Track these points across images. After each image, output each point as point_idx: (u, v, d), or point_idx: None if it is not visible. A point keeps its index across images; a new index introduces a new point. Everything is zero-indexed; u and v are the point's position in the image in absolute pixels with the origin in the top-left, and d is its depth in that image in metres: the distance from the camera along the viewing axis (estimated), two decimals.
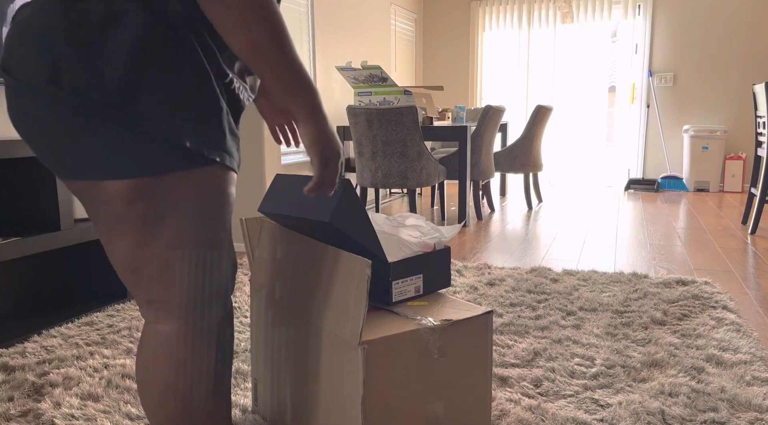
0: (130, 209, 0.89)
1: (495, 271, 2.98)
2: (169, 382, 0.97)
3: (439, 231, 1.44)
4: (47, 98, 0.84)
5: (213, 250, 0.96)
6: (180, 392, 0.97)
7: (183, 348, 0.97)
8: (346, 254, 1.17)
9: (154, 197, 0.89)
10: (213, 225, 0.95)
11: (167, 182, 0.89)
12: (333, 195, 1.16)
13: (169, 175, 0.88)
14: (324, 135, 0.92)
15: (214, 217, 0.95)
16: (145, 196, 0.89)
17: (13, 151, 2.06)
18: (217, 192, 0.94)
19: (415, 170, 4.01)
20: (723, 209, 5.03)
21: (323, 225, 1.19)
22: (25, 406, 1.63)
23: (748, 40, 6.15)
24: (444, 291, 2.64)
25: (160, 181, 0.88)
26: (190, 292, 0.95)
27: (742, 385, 1.69)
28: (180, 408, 0.98)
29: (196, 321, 0.97)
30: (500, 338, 2.08)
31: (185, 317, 0.96)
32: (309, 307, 1.28)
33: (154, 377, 0.97)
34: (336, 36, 5.15)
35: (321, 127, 0.92)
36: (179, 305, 0.95)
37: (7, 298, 2.42)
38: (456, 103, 7.26)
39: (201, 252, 0.94)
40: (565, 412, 1.56)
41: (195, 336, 0.97)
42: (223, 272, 0.99)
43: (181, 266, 0.93)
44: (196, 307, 0.96)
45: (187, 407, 0.99)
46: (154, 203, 0.89)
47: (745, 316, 2.33)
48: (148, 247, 0.92)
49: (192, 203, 0.92)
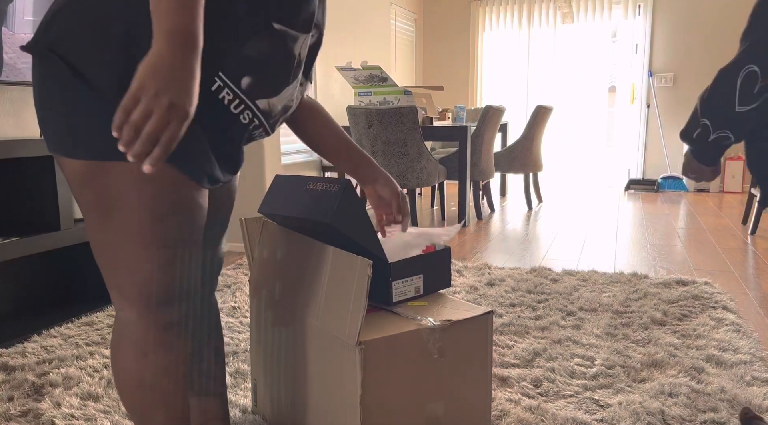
0: (83, 192, 0.90)
1: (495, 271, 2.98)
2: (132, 371, 0.97)
3: (438, 232, 1.44)
4: (36, 61, 0.89)
5: (164, 249, 0.93)
6: (147, 382, 0.98)
7: (142, 339, 0.96)
8: (346, 254, 1.17)
9: (102, 183, 0.88)
10: (161, 225, 0.92)
11: (115, 170, 0.87)
12: (333, 195, 1.16)
13: (116, 163, 0.87)
14: (165, 64, 0.72)
15: (162, 218, 0.91)
16: (94, 180, 0.88)
17: (13, 151, 2.06)
18: (166, 192, 0.91)
19: (415, 170, 4.01)
20: (723, 209, 5.03)
21: (323, 226, 1.19)
22: (25, 406, 1.63)
23: None
24: (444, 292, 2.64)
25: (108, 168, 0.87)
26: (143, 285, 0.94)
27: (742, 385, 1.69)
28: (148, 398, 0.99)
29: (151, 314, 0.95)
30: (500, 338, 2.08)
31: (140, 308, 0.95)
32: (308, 307, 1.28)
33: (117, 364, 0.99)
34: (336, 36, 5.15)
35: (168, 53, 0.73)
36: (134, 295, 0.94)
37: (7, 298, 2.42)
38: (456, 103, 7.26)
39: (151, 250, 0.92)
40: (565, 412, 1.56)
41: (153, 329, 0.96)
42: (176, 272, 0.96)
43: (132, 258, 0.92)
44: (149, 301, 0.95)
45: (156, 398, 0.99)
46: (102, 190, 0.88)
47: (745, 316, 2.33)
48: (103, 233, 0.92)
49: (137, 197, 0.89)
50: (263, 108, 0.98)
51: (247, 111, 0.96)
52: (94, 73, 0.84)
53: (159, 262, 0.93)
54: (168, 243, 0.93)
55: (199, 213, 0.97)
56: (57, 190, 2.26)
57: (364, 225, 1.21)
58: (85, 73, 0.84)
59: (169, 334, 0.98)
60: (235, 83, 0.92)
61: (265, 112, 0.99)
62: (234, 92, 0.93)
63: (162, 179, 0.90)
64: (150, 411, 1.00)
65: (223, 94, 0.92)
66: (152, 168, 0.73)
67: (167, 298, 0.96)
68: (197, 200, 0.96)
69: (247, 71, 0.93)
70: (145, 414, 1.00)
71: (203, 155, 0.94)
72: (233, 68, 0.91)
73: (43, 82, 0.88)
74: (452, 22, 7.18)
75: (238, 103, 0.94)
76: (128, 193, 0.88)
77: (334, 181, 1.20)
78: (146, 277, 0.93)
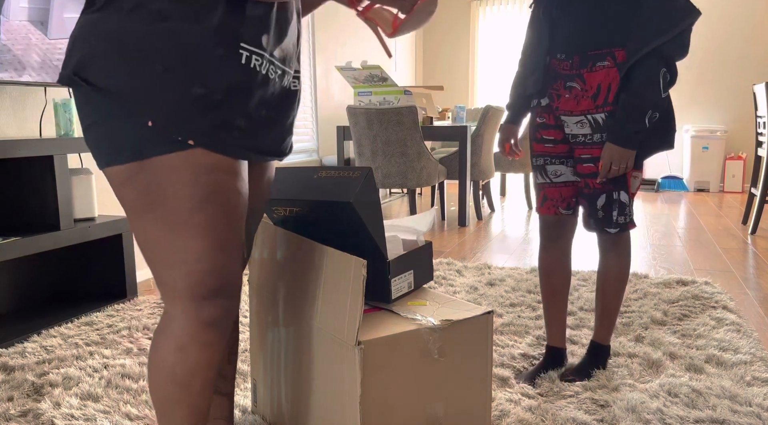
0: (127, 193, 0.93)
1: (495, 271, 2.98)
2: (166, 364, 0.98)
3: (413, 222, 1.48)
4: (71, 91, 0.96)
5: (204, 239, 0.93)
6: (178, 377, 0.98)
7: (181, 334, 0.97)
8: (341, 254, 1.17)
9: (141, 181, 0.91)
10: (200, 213, 0.92)
11: (151, 166, 0.90)
12: (355, 180, 1.19)
13: (152, 159, 0.90)
14: None
15: (199, 205, 0.92)
16: (134, 180, 0.91)
17: (13, 151, 2.06)
18: (200, 178, 0.92)
19: (415, 170, 4.01)
20: (723, 209, 5.03)
21: (339, 208, 1.19)
22: (25, 406, 1.63)
23: (748, 40, 6.15)
24: (444, 292, 2.64)
25: (145, 166, 0.91)
26: (185, 279, 0.94)
27: (742, 385, 1.69)
28: (176, 392, 0.99)
29: (193, 309, 0.96)
30: (500, 338, 2.08)
31: (183, 303, 0.96)
32: (307, 307, 1.28)
33: (154, 355, 1.00)
34: (336, 36, 5.15)
35: None
36: (177, 290, 0.95)
37: (7, 298, 2.42)
38: (456, 103, 7.26)
39: (192, 240, 0.93)
40: (565, 412, 1.56)
41: (195, 325, 0.96)
42: (218, 264, 0.96)
43: (172, 250, 0.93)
44: (193, 295, 0.95)
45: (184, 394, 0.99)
46: (143, 187, 0.91)
47: (745, 316, 2.33)
48: (146, 231, 0.94)
49: (172, 187, 0.91)
50: (279, 56, 1.00)
51: (271, 66, 0.98)
52: (112, 83, 0.88)
53: (200, 253, 0.93)
54: (208, 233, 0.93)
55: (237, 199, 0.97)
56: (57, 190, 2.26)
57: (376, 214, 1.24)
58: (106, 86, 0.88)
59: (208, 332, 0.98)
60: (258, 46, 0.95)
61: (281, 58, 1.01)
62: (261, 56, 0.95)
63: (195, 165, 0.91)
64: (174, 405, 1.00)
65: (253, 62, 0.94)
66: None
67: (210, 292, 0.96)
68: (234, 185, 0.96)
69: (263, 29, 0.95)
70: (168, 409, 1.01)
71: (236, 130, 0.94)
72: (251, 34, 0.94)
73: (81, 107, 0.93)
74: (452, 22, 7.18)
75: (264, 63, 0.97)
76: (165, 184, 0.91)
77: (352, 169, 1.23)
78: (188, 270, 0.94)
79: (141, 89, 0.88)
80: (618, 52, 1.54)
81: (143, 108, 0.88)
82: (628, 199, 1.62)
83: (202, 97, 0.90)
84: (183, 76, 0.88)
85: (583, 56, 1.57)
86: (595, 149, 1.59)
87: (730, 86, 6.26)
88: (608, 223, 1.64)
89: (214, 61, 0.90)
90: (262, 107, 0.98)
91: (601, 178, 1.57)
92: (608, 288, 1.73)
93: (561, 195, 1.71)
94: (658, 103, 1.50)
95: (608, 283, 1.73)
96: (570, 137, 1.63)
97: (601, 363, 1.80)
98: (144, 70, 0.87)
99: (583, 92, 1.58)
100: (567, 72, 1.60)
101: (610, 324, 1.77)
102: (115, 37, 0.88)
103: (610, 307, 1.75)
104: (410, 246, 1.42)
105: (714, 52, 6.25)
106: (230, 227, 0.96)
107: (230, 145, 0.94)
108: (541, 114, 1.69)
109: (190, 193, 0.91)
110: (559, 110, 1.63)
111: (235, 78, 0.92)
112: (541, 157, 1.71)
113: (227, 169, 0.94)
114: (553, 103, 1.64)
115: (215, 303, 0.97)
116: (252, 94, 0.96)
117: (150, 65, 0.87)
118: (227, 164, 0.94)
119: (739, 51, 6.18)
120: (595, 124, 1.58)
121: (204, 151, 0.91)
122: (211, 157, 0.92)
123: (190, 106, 0.89)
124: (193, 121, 0.90)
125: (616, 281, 1.72)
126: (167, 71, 0.88)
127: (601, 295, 1.75)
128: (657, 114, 1.52)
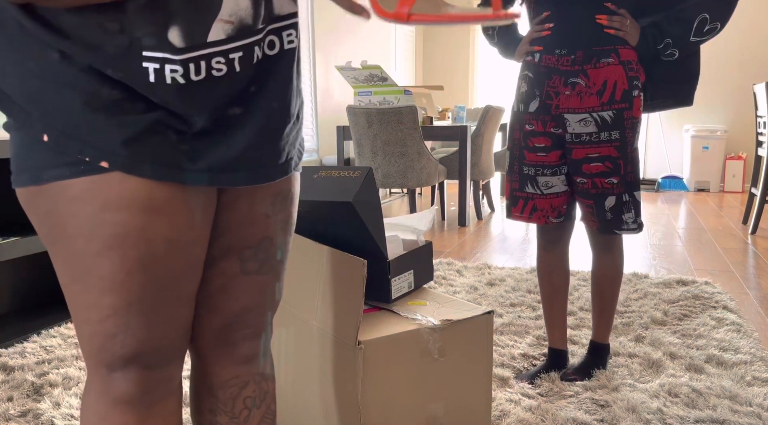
0: (32, 220, 0.71)
1: (495, 271, 2.98)
2: None
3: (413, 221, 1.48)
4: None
5: (109, 295, 0.68)
6: None
7: (93, 405, 0.74)
8: (341, 254, 1.17)
9: (41, 208, 0.67)
10: (103, 260, 0.66)
11: (51, 192, 0.66)
12: (355, 180, 1.19)
13: (51, 184, 0.65)
14: None
15: (101, 250, 0.66)
16: (34, 206, 0.68)
17: None
18: (108, 213, 0.65)
19: (415, 170, 4.01)
20: (723, 209, 5.03)
21: (339, 208, 1.19)
22: (25, 406, 1.63)
23: (748, 41, 6.15)
24: (444, 292, 2.64)
25: (44, 191, 0.66)
26: (87, 339, 0.71)
27: (742, 385, 1.69)
28: None
29: (98, 382, 0.73)
30: (500, 338, 2.08)
31: (90, 371, 0.74)
32: (308, 308, 1.28)
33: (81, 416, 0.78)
34: (336, 36, 5.15)
35: None
36: (83, 349, 0.72)
37: (6, 298, 2.42)
38: (456, 103, 7.26)
39: (92, 294, 0.68)
40: (565, 412, 1.56)
41: (103, 398, 0.73)
42: (135, 328, 0.70)
43: (74, 302, 0.70)
44: (96, 364, 0.72)
45: None
46: (43, 217, 0.68)
47: (746, 316, 2.33)
48: (57, 270, 0.72)
49: (72, 223, 0.66)
50: (226, 33, 0.65)
51: (213, 60, 0.65)
52: (6, 82, 0.65)
53: (104, 312, 0.68)
54: (115, 287, 0.67)
55: (163, 246, 0.68)
56: None
57: (376, 214, 1.24)
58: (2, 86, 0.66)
59: (120, 413, 0.72)
60: (168, 50, 0.62)
61: (231, 34, 0.66)
62: (173, 59, 0.63)
63: (102, 197, 0.64)
64: None
65: (166, 70, 0.63)
66: None
67: (119, 361, 0.71)
68: (159, 228, 0.67)
69: (170, 21, 0.62)
70: None
71: (182, 141, 0.67)
72: (150, 36, 0.62)
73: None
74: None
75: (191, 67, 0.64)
76: (66, 218, 0.66)
77: (352, 169, 1.23)
78: (90, 331, 0.70)
79: (30, 89, 0.63)
80: (622, 49, 1.53)
81: (34, 115, 0.63)
82: (640, 197, 1.63)
83: (120, 100, 0.63)
84: (87, 66, 0.61)
85: (587, 52, 1.55)
86: (602, 147, 1.56)
87: (730, 86, 6.26)
88: (618, 225, 1.61)
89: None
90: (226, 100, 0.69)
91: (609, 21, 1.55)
92: (605, 290, 1.73)
93: (551, 205, 1.68)
94: (680, 40, 1.50)
95: (605, 285, 1.72)
96: (573, 137, 1.59)
97: (602, 361, 1.80)
98: (33, 58, 0.62)
99: (587, 88, 1.55)
100: (568, 68, 1.57)
101: (609, 323, 1.77)
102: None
103: (609, 308, 1.75)
104: (410, 246, 1.42)
105: (714, 52, 6.25)
106: (152, 283, 0.69)
107: (167, 165, 0.66)
108: (530, 120, 1.65)
109: (93, 233, 0.65)
110: (559, 108, 1.60)
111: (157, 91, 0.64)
112: (533, 167, 1.66)
113: (149, 204, 0.66)
114: (552, 102, 1.61)
115: (126, 375, 0.72)
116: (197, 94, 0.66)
117: (43, 51, 0.61)
118: (153, 195, 0.66)
119: (739, 51, 6.18)
120: (602, 123, 1.55)
121: (123, 175, 0.64)
122: (129, 183, 0.65)
123: (99, 112, 0.63)
124: (104, 134, 0.63)
125: (613, 282, 1.72)
126: (65, 59, 0.61)
127: (599, 297, 1.75)
128: (676, 51, 1.51)
